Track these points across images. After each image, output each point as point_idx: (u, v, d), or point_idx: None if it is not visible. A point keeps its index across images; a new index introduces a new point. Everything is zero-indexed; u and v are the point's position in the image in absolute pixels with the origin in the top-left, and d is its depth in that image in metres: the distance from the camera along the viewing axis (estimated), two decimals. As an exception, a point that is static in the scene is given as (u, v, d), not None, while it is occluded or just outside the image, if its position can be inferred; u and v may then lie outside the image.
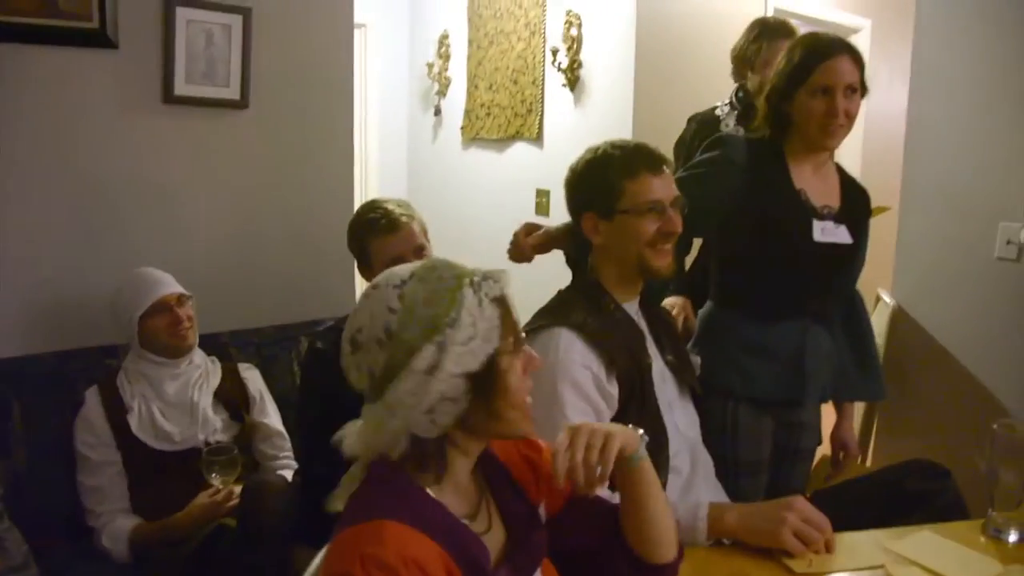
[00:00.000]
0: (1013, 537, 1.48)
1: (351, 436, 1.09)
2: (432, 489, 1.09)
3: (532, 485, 1.27)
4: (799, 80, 1.92)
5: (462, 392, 1.05)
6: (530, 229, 2.09)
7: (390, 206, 2.12)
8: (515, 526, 1.19)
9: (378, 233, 2.09)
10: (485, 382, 1.07)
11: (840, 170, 2.12)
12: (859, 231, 2.06)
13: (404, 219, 2.10)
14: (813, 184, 2.01)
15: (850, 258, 2.07)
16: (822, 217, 1.99)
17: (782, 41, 2.83)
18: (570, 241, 1.96)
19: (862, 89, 1.95)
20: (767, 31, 2.90)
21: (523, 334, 1.15)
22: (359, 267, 2.21)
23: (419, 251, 2.12)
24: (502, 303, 1.09)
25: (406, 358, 1.04)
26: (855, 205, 2.09)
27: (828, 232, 1.98)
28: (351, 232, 2.20)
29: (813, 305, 2.03)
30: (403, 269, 1.10)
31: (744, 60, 2.95)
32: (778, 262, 1.97)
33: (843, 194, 2.08)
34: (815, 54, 1.92)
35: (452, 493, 1.12)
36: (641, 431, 1.25)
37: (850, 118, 1.93)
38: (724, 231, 1.84)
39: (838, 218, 2.01)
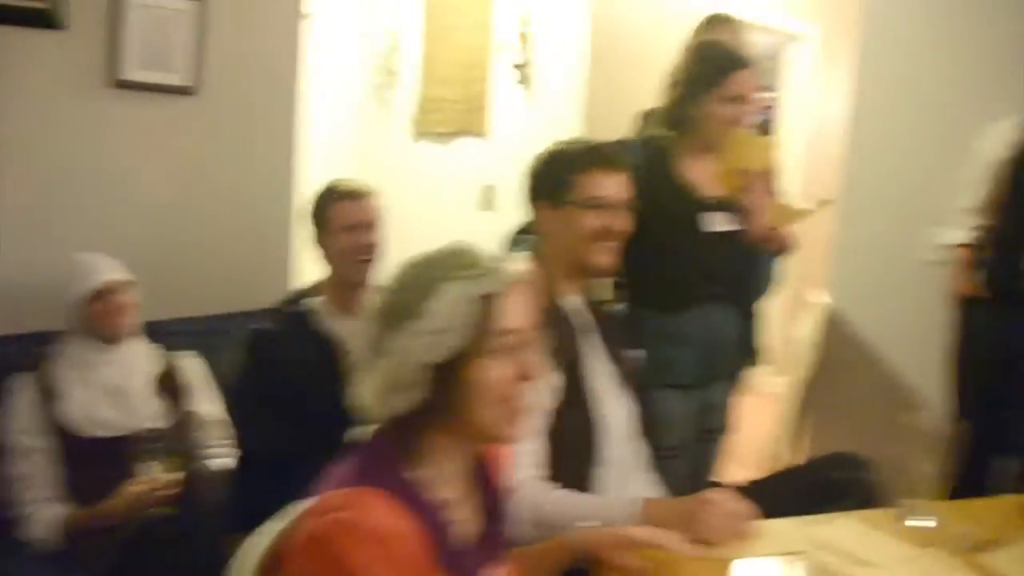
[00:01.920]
0: (926, 523, 1.54)
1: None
2: (418, 476, 1.10)
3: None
4: (712, 84, 2.03)
5: (424, 379, 1.06)
6: None
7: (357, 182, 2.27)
8: (489, 522, 1.21)
9: (340, 198, 2.21)
10: (451, 375, 1.07)
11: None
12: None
13: (365, 189, 2.25)
14: (700, 176, 2.13)
15: (741, 241, 2.16)
16: (710, 208, 2.10)
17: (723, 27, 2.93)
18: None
19: None
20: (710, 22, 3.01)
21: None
22: (318, 236, 2.24)
23: (371, 225, 2.21)
24: (489, 302, 1.08)
25: (379, 341, 1.09)
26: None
27: (716, 222, 2.09)
28: (315, 200, 2.26)
29: (717, 289, 2.12)
30: (421, 254, 1.14)
31: None
32: (677, 254, 2.07)
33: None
34: (733, 61, 2.05)
35: (439, 483, 1.12)
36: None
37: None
38: None
39: (723, 206, 2.12)
